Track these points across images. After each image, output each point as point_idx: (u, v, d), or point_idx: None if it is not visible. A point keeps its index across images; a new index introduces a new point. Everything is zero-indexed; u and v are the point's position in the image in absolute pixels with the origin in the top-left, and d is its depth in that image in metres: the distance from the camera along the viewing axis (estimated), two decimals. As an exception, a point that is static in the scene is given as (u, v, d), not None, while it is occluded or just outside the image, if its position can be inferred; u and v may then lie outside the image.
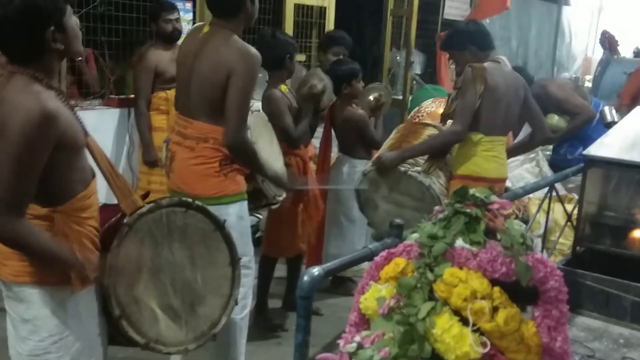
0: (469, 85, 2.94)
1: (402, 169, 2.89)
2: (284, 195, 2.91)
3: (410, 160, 2.97)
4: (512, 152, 3.34)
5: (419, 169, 2.89)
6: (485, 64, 3.01)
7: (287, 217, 3.37)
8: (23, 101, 1.57)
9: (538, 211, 3.59)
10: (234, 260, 2.20)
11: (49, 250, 1.68)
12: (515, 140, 3.78)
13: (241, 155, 2.48)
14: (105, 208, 1.94)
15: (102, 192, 1.94)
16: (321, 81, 3.38)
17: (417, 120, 4.27)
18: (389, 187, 2.96)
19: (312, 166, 3.70)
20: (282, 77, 3.36)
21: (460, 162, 3.04)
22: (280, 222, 3.41)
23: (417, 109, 4.71)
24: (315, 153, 3.78)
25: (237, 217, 2.42)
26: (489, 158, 3.06)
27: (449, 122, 3.47)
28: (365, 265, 1.74)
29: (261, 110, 3.23)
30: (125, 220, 1.89)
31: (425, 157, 2.97)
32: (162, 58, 3.91)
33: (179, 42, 3.57)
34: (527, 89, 3.27)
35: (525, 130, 3.74)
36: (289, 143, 3.31)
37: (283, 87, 3.35)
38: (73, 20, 1.73)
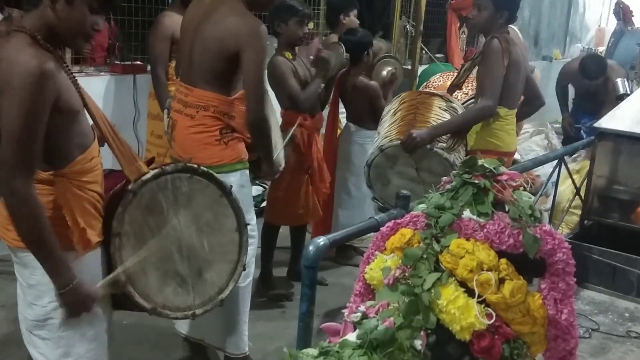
0: (498, 58, 2.81)
1: (427, 145, 2.83)
2: (283, 165, 2.88)
3: None
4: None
5: (443, 145, 2.83)
6: (507, 36, 2.93)
7: (289, 186, 3.35)
8: (21, 59, 1.57)
9: (546, 184, 3.56)
10: (241, 226, 2.18)
11: (44, 236, 1.65)
12: None
13: (258, 133, 2.46)
14: (111, 174, 1.93)
15: (109, 158, 1.93)
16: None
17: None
18: (408, 163, 2.89)
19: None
20: (286, 43, 3.32)
21: (483, 137, 2.96)
22: (282, 190, 3.40)
23: (425, 84, 4.66)
24: (321, 124, 3.73)
25: (238, 185, 2.40)
26: (511, 132, 3.01)
27: (457, 92, 3.41)
28: (372, 235, 1.72)
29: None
30: (129, 187, 1.87)
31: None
32: (178, 24, 3.68)
33: None
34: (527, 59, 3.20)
35: None
36: (295, 107, 3.26)
37: (287, 54, 3.30)
38: (90, 16, 1.68)
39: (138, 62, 4.22)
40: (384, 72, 3.86)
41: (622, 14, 7.85)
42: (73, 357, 1.82)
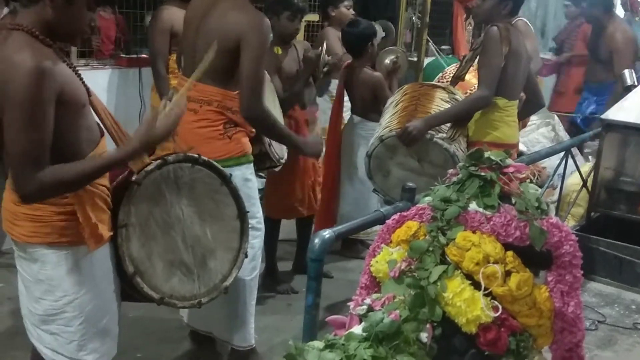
0: (496, 47, 2.77)
1: (427, 135, 2.81)
2: (285, 157, 2.88)
3: None
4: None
5: (443, 135, 2.81)
6: (508, 25, 2.90)
7: (281, 179, 3.35)
8: (19, 60, 1.56)
9: (553, 176, 3.55)
10: (242, 214, 2.21)
11: (91, 167, 1.67)
12: None
13: (259, 126, 2.45)
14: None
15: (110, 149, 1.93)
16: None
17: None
18: (408, 154, 2.87)
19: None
20: (277, 38, 3.29)
21: (482, 128, 2.92)
22: (276, 184, 3.41)
23: (441, 74, 4.61)
24: (316, 116, 3.71)
25: (242, 179, 2.40)
26: (511, 124, 2.96)
27: (461, 84, 3.39)
28: (378, 228, 1.72)
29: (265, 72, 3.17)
30: (133, 178, 1.88)
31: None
32: (177, 17, 3.60)
33: None
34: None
35: None
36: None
37: (277, 49, 3.28)
38: (87, 13, 1.69)
39: (143, 55, 4.22)
40: (387, 61, 3.83)
41: (629, 4, 7.79)
42: (87, 351, 1.82)
